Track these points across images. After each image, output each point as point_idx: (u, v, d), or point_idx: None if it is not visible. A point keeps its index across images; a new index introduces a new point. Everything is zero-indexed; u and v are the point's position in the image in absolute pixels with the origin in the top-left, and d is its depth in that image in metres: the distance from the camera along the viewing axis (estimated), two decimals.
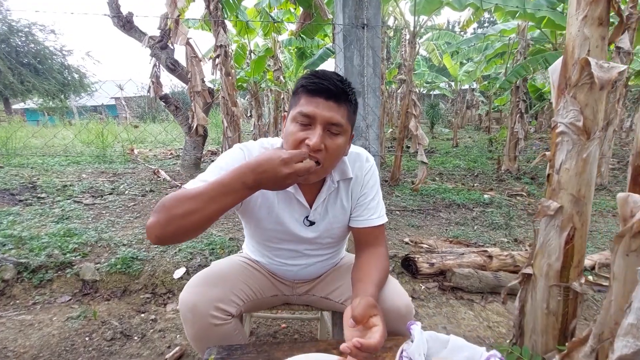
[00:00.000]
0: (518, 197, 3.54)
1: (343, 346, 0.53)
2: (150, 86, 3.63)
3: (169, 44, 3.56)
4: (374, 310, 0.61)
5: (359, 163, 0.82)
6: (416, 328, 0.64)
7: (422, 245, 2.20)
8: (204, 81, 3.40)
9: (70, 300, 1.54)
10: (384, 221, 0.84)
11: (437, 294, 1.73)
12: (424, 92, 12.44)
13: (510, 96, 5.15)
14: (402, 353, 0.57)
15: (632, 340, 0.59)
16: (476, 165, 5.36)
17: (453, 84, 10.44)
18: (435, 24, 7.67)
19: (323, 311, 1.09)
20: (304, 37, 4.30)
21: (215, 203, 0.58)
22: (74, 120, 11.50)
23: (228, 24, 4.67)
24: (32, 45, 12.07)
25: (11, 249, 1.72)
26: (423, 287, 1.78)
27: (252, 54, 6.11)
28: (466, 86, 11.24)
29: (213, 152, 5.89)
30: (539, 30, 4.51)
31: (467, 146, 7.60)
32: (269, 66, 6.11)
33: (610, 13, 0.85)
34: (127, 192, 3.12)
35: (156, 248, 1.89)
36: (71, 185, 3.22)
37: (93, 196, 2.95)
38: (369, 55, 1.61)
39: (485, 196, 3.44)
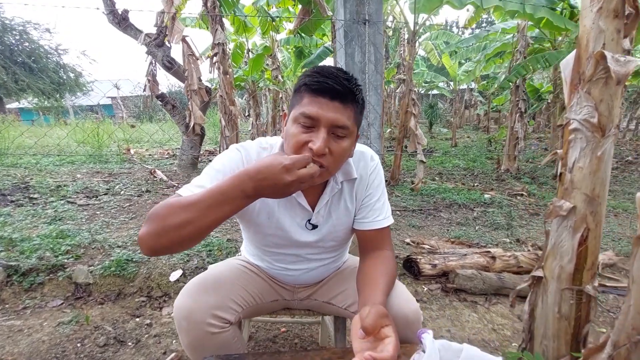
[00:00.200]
0: (519, 197, 3.52)
1: None
2: (146, 85, 3.57)
3: (166, 42, 3.50)
4: (386, 320, 0.57)
5: (364, 162, 0.78)
6: (428, 337, 0.60)
7: (424, 245, 2.17)
8: (201, 79, 3.34)
9: (62, 304, 1.49)
10: (390, 222, 0.80)
11: (440, 296, 1.70)
12: (422, 92, 12.43)
13: (509, 96, 5.14)
14: None
15: None
16: (476, 165, 5.34)
17: (452, 84, 10.43)
18: (433, 24, 7.66)
19: (324, 315, 1.05)
20: (303, 35, 4.25)
21: (211, 213, 0.54)
22: (69, 119, 11.37)
23: (226, 23, 4.62)
24: (27, 43, 11.92)
25: (1, 251, 1.66)
26: (425, 289, 1.74)
27: (250, 53, 6.06)
28: (464, 86, 11.25)
29: (211, 152, 5.83)
30: (538, 29, 4.51)
31: (466, 146, 7.60)
32: (267, 65, 6.06)
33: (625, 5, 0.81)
34: (123, 193, 3.06)
35: None
36: (65, 185, 3.16)
37: (87, 196, 2.89)
38: (371, 51, 1.57)
39: (485, 196, 3.41)
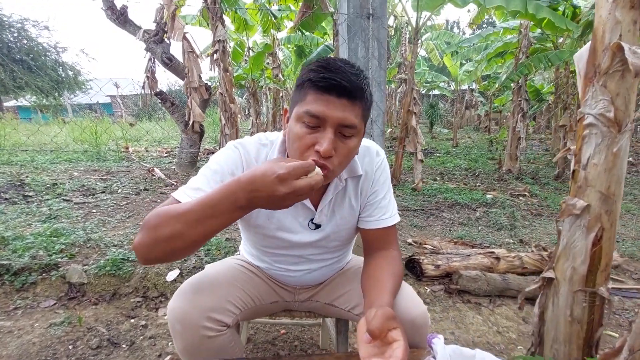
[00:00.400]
0: (521, 198, 3.48)
1: None
2: (145, 82, 3.53)
3: (165, 38, 3.46)
4: (393, 322, 0.53)
5: (369, 158, 0.73)
6: (439, 342, 0.56)
7: (427, 246, 2.13)
8: (201, 77, 3.30)
9: (54, 304, 1.44)
10: (397, 221, 0.76)
11: (443, 298, 1.66)
12: (423, 92, 12.41)
13: (511, 96, 5.12)
14: None
15: None
16: (477, 165, 5.32)
17: (453, 84, 10.42)
18: (435, 24, 7.64)
19: (326, 317, 1.01)
20: (303, 31, 4.21)
21: (200, 226, 0.49)
22: (67, 117, 11.30)
23: (226, 20, 4.58)
24: (25, 41, 11.83)
25: None
26: (428, 290, 1.70)
27: (251, 51, 6.03)
28: (465, 86, 11.23)
29: (210, 151, 5.79)
30: (540, 29, 4.48)
31: (467, 146, 7.57)
32: (268, 64, 6.02)
33: None
34: (120, 191, 3.02)
35: None
36: (61, 183, 3.11)
37: (84, 195, 2.84)
38: (374, 47, 1.53)
39: (487, 196, 3.38)
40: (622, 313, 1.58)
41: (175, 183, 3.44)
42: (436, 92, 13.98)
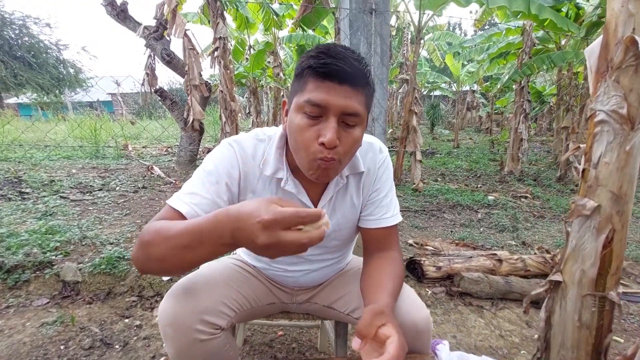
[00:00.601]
0: (523, 199, 3.45)
1: None
2: (144, 79, 3.50)
3: (165, 35, 3.43)
4: (381, 318, 0.50)
5: (372, 154, 0.70)
6: (444, 349, 0.53)
7: (428, 247, 2.10)
8: (202, 74, 3.28)
9: (47, 303, 1.41)
10: (398, 220, 0.73)
11: (445, 300, 1.63)
12: (425, 93, 12.38)
13: (513, 97, 5.08)
14: None
15: None
16: (478, 166, 5.28)
17: (454, 85, 10.38)
18: (437, 24, 7.61)
19: (324, 320, 0.98)
20: (304, 28, 4.18)
21: (189, 253, 0.46)
22: (68, 115, 11.28)
23: (227, 19, 4.55)
24: (26, 38, 11.81)
25: None
26: (430, 292, 1.67)
27: (252, 49, 6.00)
28: (467, 87, 11.19)
29: (210, 150, 5.76)
30: (543, 30, 4.46)
31: (469, 147, 7.54)
32: (269, 62, 6.00)
33: None
34: (118, 189, 2.99)
35: None
36: (59, 180, 3.08)
37: (82, 192, 2.81)
38: (377, 43, 1.50)
39: (489, 197, 3.35)
40: (627, 318, 1.55)
41: (173, 181, 3.41)
42: (438, 93, 13.95)
